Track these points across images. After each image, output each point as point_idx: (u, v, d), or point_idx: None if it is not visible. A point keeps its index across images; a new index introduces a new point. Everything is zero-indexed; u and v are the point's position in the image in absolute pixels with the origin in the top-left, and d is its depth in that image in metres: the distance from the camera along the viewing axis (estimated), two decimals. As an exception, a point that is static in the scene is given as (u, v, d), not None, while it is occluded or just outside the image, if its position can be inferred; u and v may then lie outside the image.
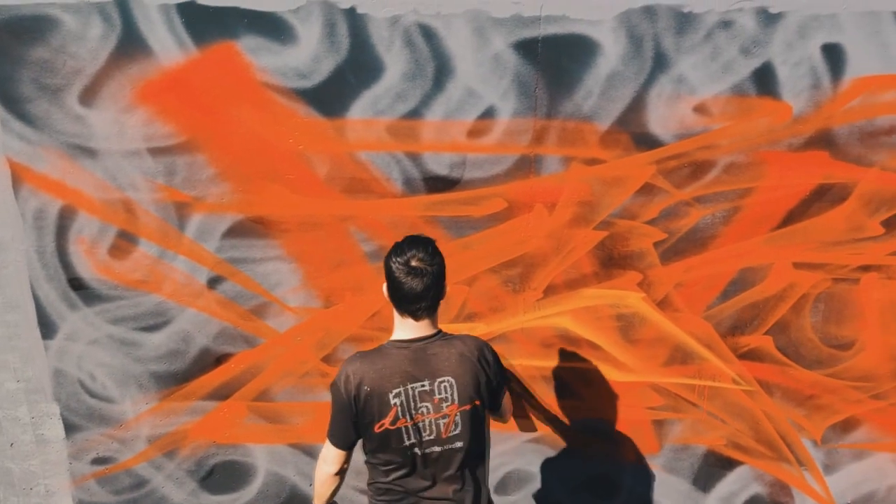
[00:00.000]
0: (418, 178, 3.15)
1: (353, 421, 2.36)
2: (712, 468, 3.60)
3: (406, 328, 2.37)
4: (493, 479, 3.65)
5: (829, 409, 3.47)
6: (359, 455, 2.53)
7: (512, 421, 3.45)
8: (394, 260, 2.29)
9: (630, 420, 3.53)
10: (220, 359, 3.46)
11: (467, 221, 3.21)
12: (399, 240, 2.39)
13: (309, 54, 2.98)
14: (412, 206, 3.19)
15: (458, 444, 2.38)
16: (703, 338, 3.37)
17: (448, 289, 3.22)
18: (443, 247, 3.13)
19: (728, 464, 3.58)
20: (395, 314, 2.38)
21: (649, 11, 2.89)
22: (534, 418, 3.50)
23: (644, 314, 3.34)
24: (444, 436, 2.36)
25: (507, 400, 2.63)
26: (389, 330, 2.43)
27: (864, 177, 3.09)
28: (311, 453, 3.62)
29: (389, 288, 2.34)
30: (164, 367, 3.46)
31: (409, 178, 3.15)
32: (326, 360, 3.45)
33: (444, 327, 2.50)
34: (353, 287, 3.33)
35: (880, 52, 2.91)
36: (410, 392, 2.31)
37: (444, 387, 2.34)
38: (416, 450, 2.37)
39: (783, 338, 3.36)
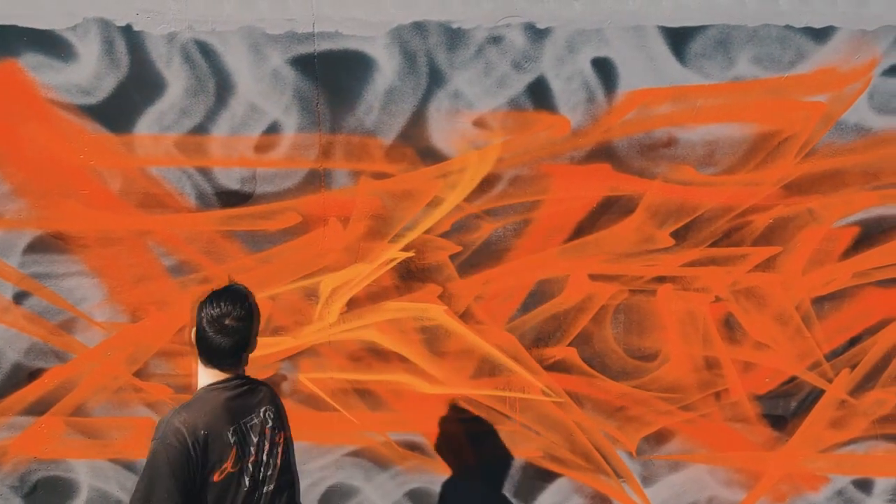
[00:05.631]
0: (211, 193, 3.17)
1: (194, 474, 2.08)
2: (531, 480, 3.60)
3: (212, 375, 2.23)
4: (316, 493, 3.64)
5: (641, 420, 3.48)
6: None
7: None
8: (205, 312, 2.14)
9: (444, 433, 3.53)
10: (34, 374, 3.46)
11: (264, 235, 3.23)
12: (196, 258, 2.30)
13: (90, 71, 3.01)
14: (207, 221, 3.21)
15: (287, 477, 2.34)
16: (508, 349, 3.38)
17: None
18: (242, 261, 3.19)
19: (547, 476, 3.59)
20: (200, 362, 2.22)
21: (419, 27, 2.93)
22: None
23: (448, 326, 3.36)
24: (278, 466, 2.29)
25: None
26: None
27: (649, 189, 3.13)
28: (133, 468, 3.61)
29: (197, 338, 2.17)
30: (-24, 382, 3.46)
31: (201, 192, 3.17)
32: (139, 374, 3.45)
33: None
34: (157, 301, 3.34)
35: (649, 66, 2.95)
36: (243, 427, 2.21)
37: (269, 415, 2.29)
38: (255, 493, 2.23)
39: (587, 349, 3.37)
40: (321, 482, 3.62)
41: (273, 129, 3.07)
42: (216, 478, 2.13)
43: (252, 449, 2.22)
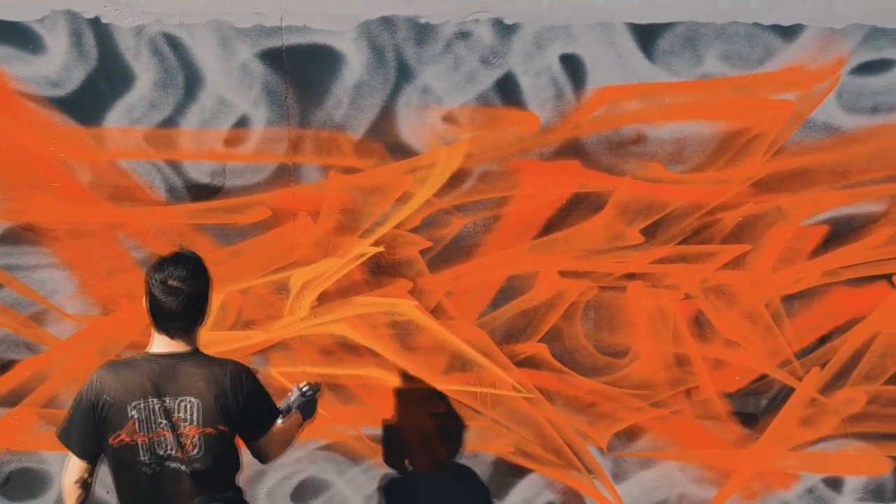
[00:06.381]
0: (181, 186, 3.18)
1: (95, 430, 2.27)
2: (503, 475, 3.61)
3: (161, 343, 2.31)
4: (288, 486, 3.66)
5: (612, 416, 3.48)
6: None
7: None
8: (153, 276, 2.25)
9: (416, 427, 3.54)
10: (6, 366, 3.47)
11: (234, 229, 3.24)
12: (167, 250, 2.36)
13: (59, 63, 3.01)
14: (177, 214, 3.21)
15: (198, 466, 2.30)
16: (479, 345, 3.39)
17: (222, 297, 3.27)
18: (212, 255, 3.18)
19: (518, 471, 3.60)
20: (153, 328, 2.33)
21: (387, 22, 2.93)
22: None
23: (418, 322, 3.36)
24: (185, 456, 2.29)
25: (272, 438, 2.52)
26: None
27: (618, 186, 3.13)
28: (105, 460, 3.62)
29: (148, 303, 2.29)
30: (-51, 374, 3.47)
31: (171, 185, 3.17)
32: (110, 367, 3.45)
33: (225, 335, 2.42)
34: (128, 294, 3.34)
35: (617, 63, 2.94)
36: (151, 406, 2.25)
37: (186, 406, 2.27)
38: (155, 467, 2.29)
39: (558, 345, 3.38)
40: (294, 476, 3.64)
41: (242, 122, 3.07)
42: (112, 442, 2.26)
43: (155, 427, 2.26)
